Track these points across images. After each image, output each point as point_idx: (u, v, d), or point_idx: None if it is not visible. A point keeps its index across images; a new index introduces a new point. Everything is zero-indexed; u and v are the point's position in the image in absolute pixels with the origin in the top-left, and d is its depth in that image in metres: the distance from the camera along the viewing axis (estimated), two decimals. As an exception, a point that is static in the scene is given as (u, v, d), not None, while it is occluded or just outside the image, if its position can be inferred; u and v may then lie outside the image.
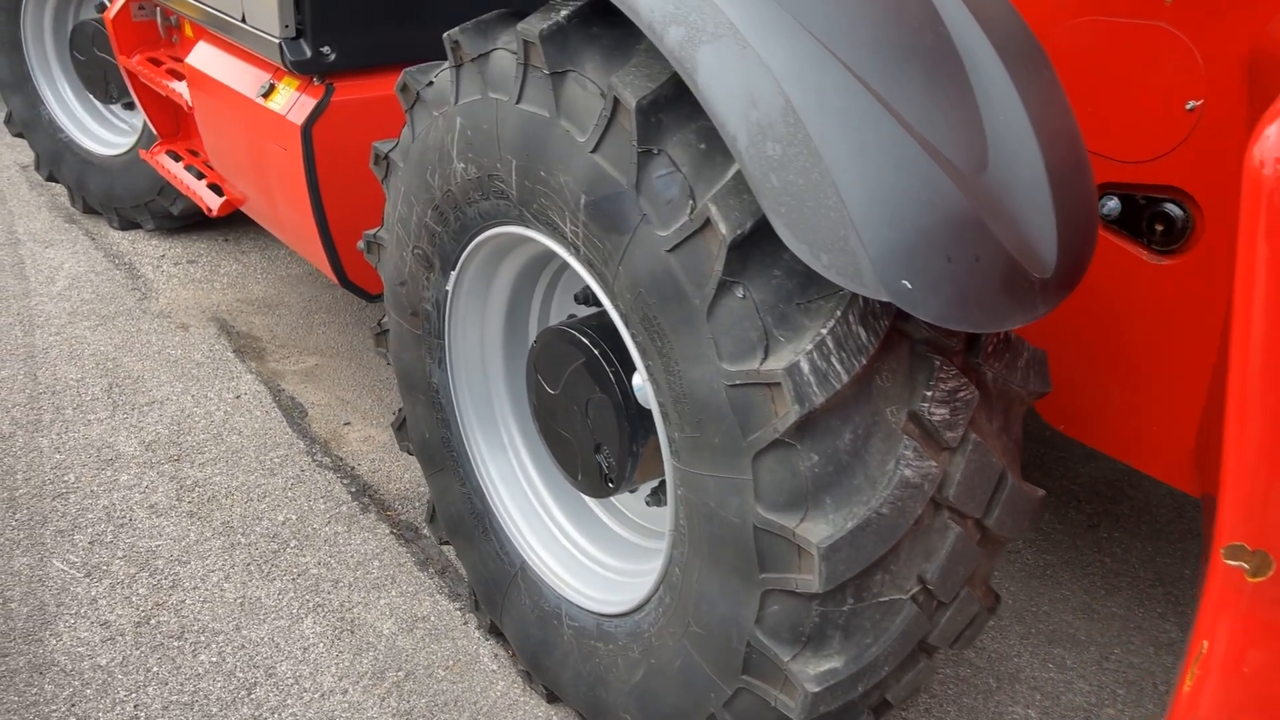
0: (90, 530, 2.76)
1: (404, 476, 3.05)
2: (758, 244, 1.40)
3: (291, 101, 2.57)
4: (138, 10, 3.59)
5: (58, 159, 4.61)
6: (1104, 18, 1.87)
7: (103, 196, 4.51)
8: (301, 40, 2.46)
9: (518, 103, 1.70)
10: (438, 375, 2.27)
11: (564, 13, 1.65)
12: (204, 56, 2.97)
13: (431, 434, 2.34)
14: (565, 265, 2.17)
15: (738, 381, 1.43)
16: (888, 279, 1.27)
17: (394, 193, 2.16)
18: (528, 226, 1.82)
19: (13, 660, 2.35)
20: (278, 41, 2.44)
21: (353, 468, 3.08)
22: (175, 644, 2.42)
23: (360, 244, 2.36)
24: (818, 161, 1.29)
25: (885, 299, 1.28)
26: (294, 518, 2.85)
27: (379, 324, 2.43)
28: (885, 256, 1.28)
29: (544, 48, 1.61)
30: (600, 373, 1.87)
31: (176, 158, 3.71)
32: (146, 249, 4.46)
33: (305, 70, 2.47)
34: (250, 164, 2.84)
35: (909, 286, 1.28)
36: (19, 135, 4.79)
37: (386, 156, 2.17)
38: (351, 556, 2.70)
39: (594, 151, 1.56)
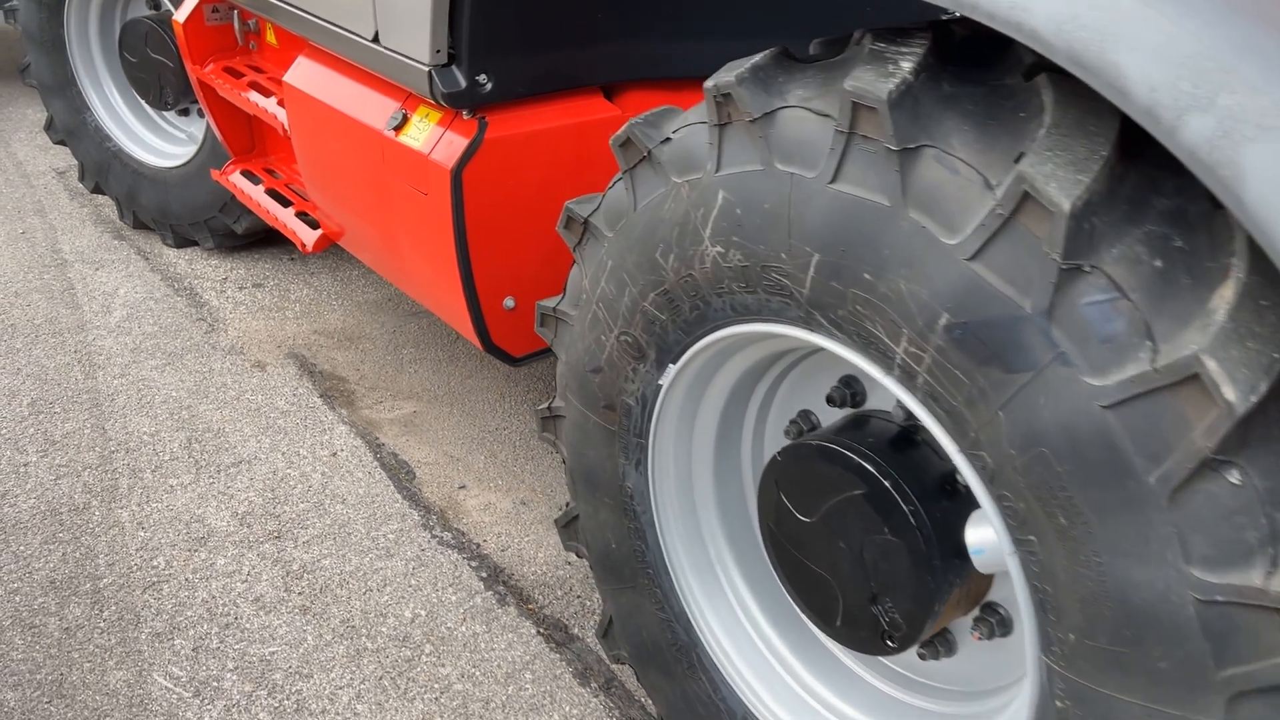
0: (192, 633, 2.34)
1: (538, 556, 2.64)
2: (1264, 410, 0.98)
3: (435, 138, 2.12)
4: (211, 13, 3.13)
5: (105, 170, 4.15)
6: None
7: (156, 212, 4.05)
8: (454, 67, 2.01)
9: (832, 182, 1.27)
10: (634, 479, 1.85)
11: (906, 64, 1.22)
12: (310, 76, 2.51)
13: (620, 545, 1.93)
14: (797, 362, 1.75)
15: (1218, 598, 1.02)
16: None
17: (595, 265, 1.73)
18: (815, 332, 1.39)
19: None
20: (426, 69, 2.00)
21: (478, 545, 2.67)
22: (308, 784, 2.02)
23: (536, 323, 1.93)
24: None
25: None
26: (423, 614, 2.43)
27: (548, 408, 2.01)
28: None
29: (892, 115, 1.18)
30: (896, 512, 1.46)
31: (254, 179, 3.26)
32: (206, 270, 4.01)
33: (458, 103, 2.02)
34: (372, 206, 2.40)
35: None
36: (60, 143, 4.32)
37: (586, 221, 1.74)
38: (498, 667, 2.29)
39: (973, 259, 1.14)
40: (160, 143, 4.08)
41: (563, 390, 1.94)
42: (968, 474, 1.25)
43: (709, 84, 1.42)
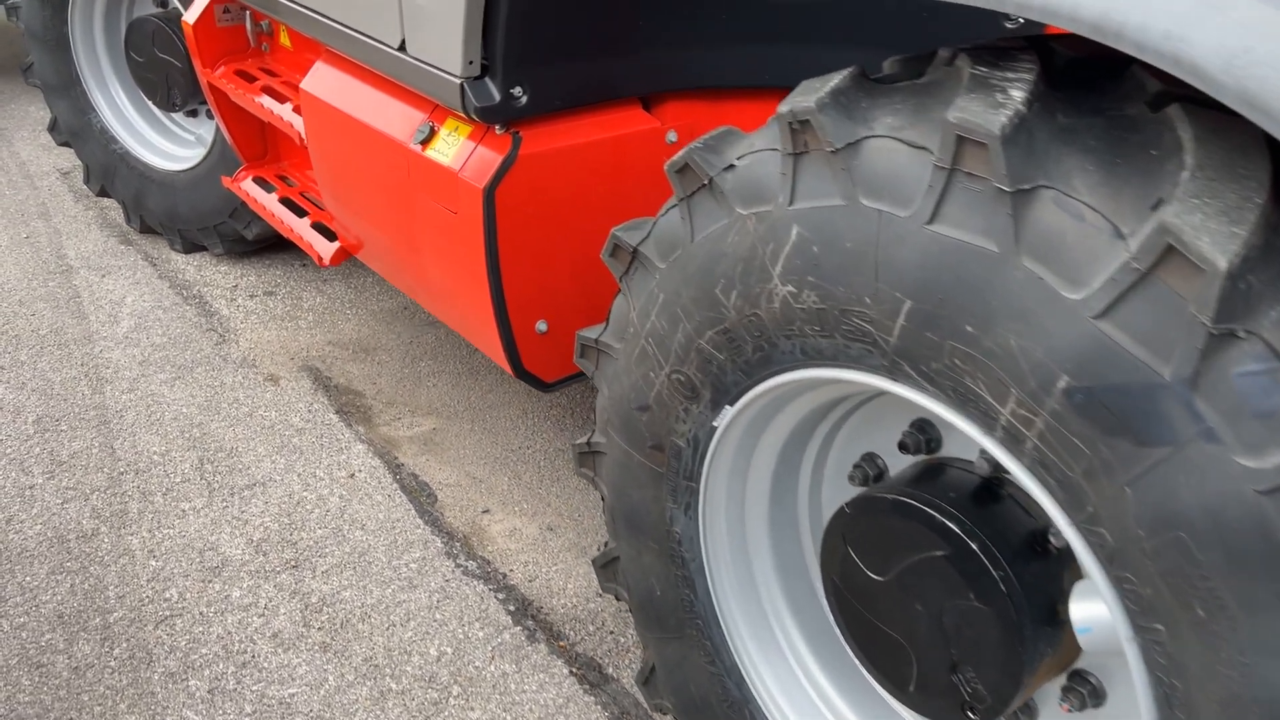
0: (208, 673, 2.22)
1: (567, 587, 2.51)
2: None
3: (465, 154, 1.99)
4: (222, 14, 2.98)
5: (111, 173, 4.01)
6: None
7: (164, 216, 3.91)
8: (488, 80, 1.87)
9: (929, 223, 1.14)
10: (682, 524, 1.72)
11: (1016, 92, 1.08)
12: (328, 83, 2.37)
13: (666, 592, 1.80)
14: (863, 403, 1.61)
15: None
16: None
17: (644, 298, 1.59)
18: (900, 383, 1.26)
19: None
20: (458, 81, 1.86)
21: (504, 575, 2.54)
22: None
23: (575, 354, 1.80)
24: None
25: None
26: (449, 651, 2.31)
27: (587, 444, 1.88)
28: None
29: (1005, 151, 1.05)
30: (983, 577, 1.33)
31: (267, 187, 3.12)
32: (216, 277, 3.88)
33: (491, 118, 1.89)
34: (396, 222, 2.27)
35: None
36: (65, 144, 4.18)
37: (635, 250, 1.60)
38: (530, 711, 2.17)
39: (1100, 317, 1.01)
40: (168, 145, 3.94)
41: (603, 425, 1.81)
42: (1079, 549, 1.12)
43: (783, 109, 1.28)
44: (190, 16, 2.95)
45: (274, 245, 3.96)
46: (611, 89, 2.03)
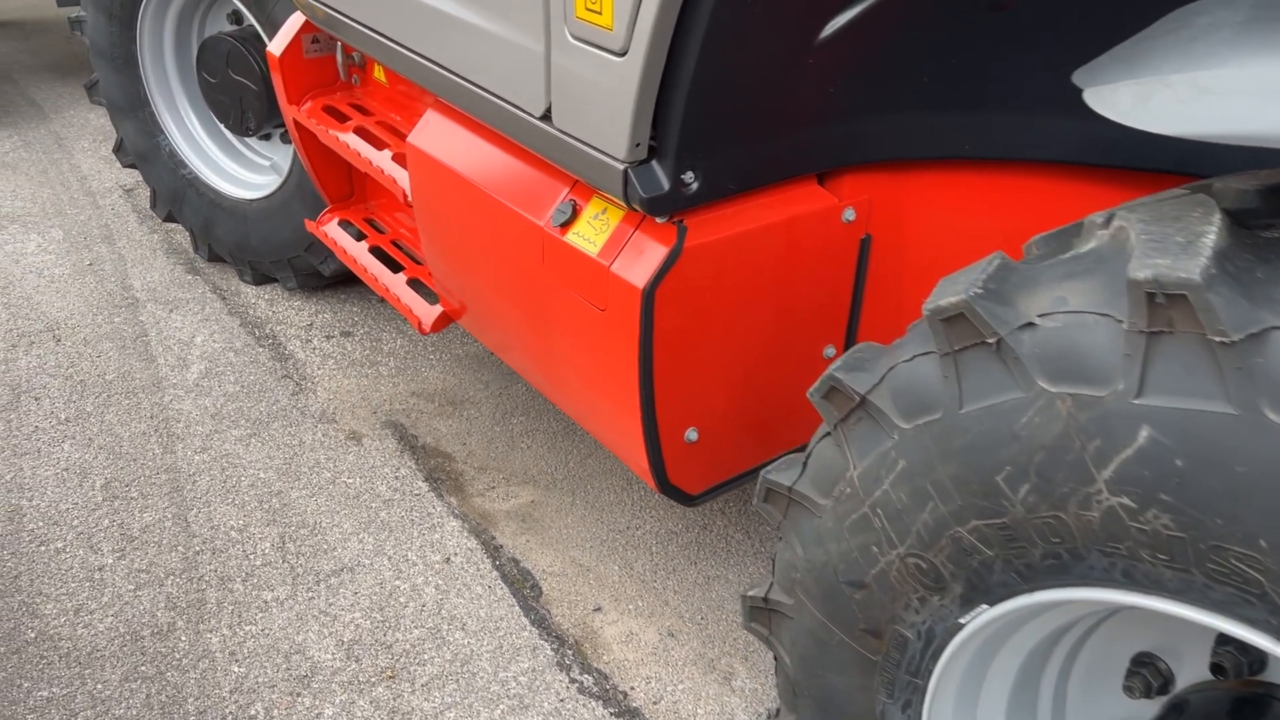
0: (301, 818, 1.93)
1: (698, 713, 2.20)
2: None
3: (618, 245, 1.65)
4: (310, 44, 2.67)
5: (179, 198, 3.72)
6: None
7: (234, 246, 3.63)
8: (655, 164, 1.53)
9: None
10: (896, 720, 1.39)
11: None
12: (442, 140, 2.04)
13: (865, 791, 1.48)
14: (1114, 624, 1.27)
15: None
16: None
17: (873, 458, 1.25)
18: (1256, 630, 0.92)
19: None
20: (621, 166, 1.52)
21: (625, 694, 2.22)
22: None
23: (756, 497, 1.47)
24: None
25: None
26: (572, 794, 2.00)
27: (764, 599, 1.55)
28: None
29: None
30: None
31: (355, 233, 2.81)
32: (289, 314, 3.59)
33: (659, 209, 1.55)
34: (520, 307, 1.94)
35: None
36: (131, 166, 3.90)
37: (863, 398, 1.26)
38: None
39: None
40: (241, 171, 3.64)
41: (789, 584, 1.48)
42: None
43: (1141, 273, 0.93)
44: (276, 48, 2.64)
45: (349, 278, 3.67)
46: (791, 166, 1.68)
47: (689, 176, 1.56)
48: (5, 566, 2.46)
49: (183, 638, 2.30)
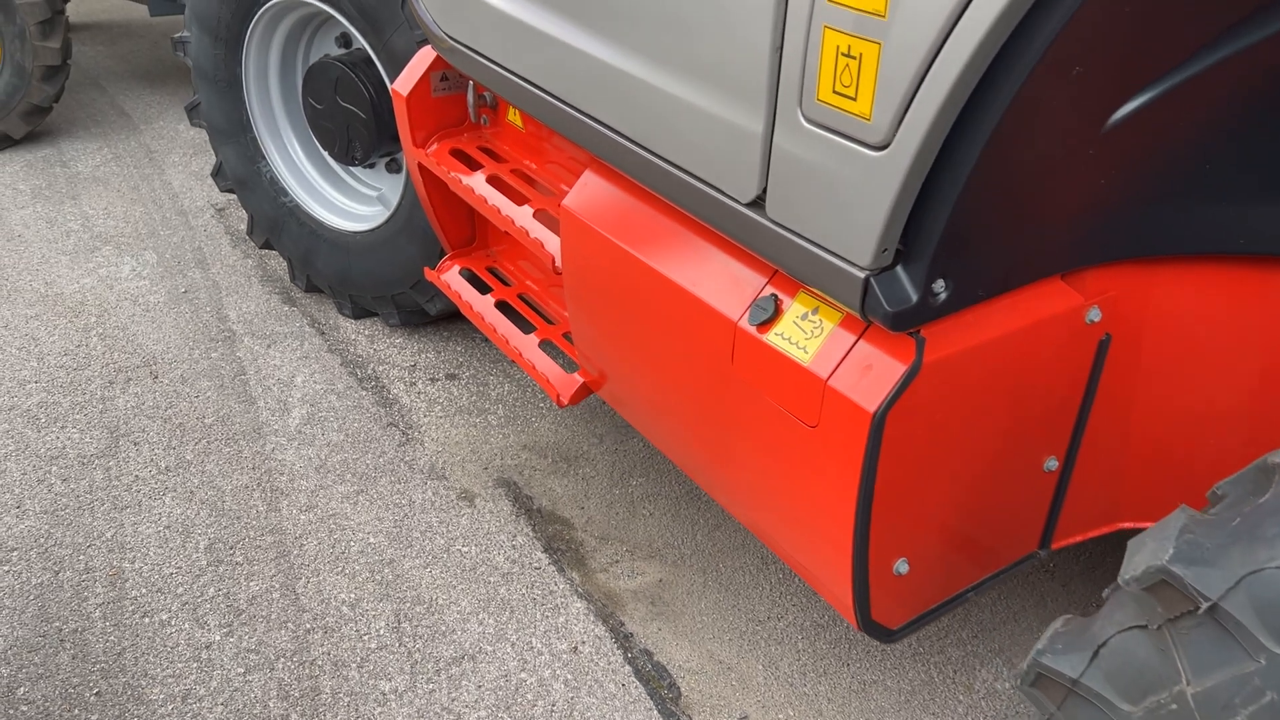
0: None
1: None
2: None
3: (837, 355, 1.40)
4: (439, 82, 2.45)
5: (278, 227, 3.55)
6: None
7: (334, 279, 3.45)
8: (902, 271, 1.28)
9: None
10: None
11: None
12: (604, 206, 1.80)
13: None
14: None
15: None
16: None
17: (1228, 674, 0.99)
18: None
19: None
20: (862, 275, 1.27)
21: (784, 824, 1.98)
22: None
23: (1023, 680, 1.21)
24: None
25: None
26: None
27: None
28: None
29: None
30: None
31: (480, 285, 2.59)
32: (391, 353, 3.39)
33: (903, 324, 1.30)
34: (701, 407, 1.70)
35: None
36: (229, 191, 3.74)
37: (1215, 605, 1.00)
38: None
39: None
40: (345, 201, 3.45)
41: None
42: None
43: None
44: (403, 86, 2.43)
45: (452, 316, 3.47)
46: (1047, 266, 1.42)
47: (939, 285, 1.30)
48: (110, 641, 2.30)
49: (297, 734, 2.11)
